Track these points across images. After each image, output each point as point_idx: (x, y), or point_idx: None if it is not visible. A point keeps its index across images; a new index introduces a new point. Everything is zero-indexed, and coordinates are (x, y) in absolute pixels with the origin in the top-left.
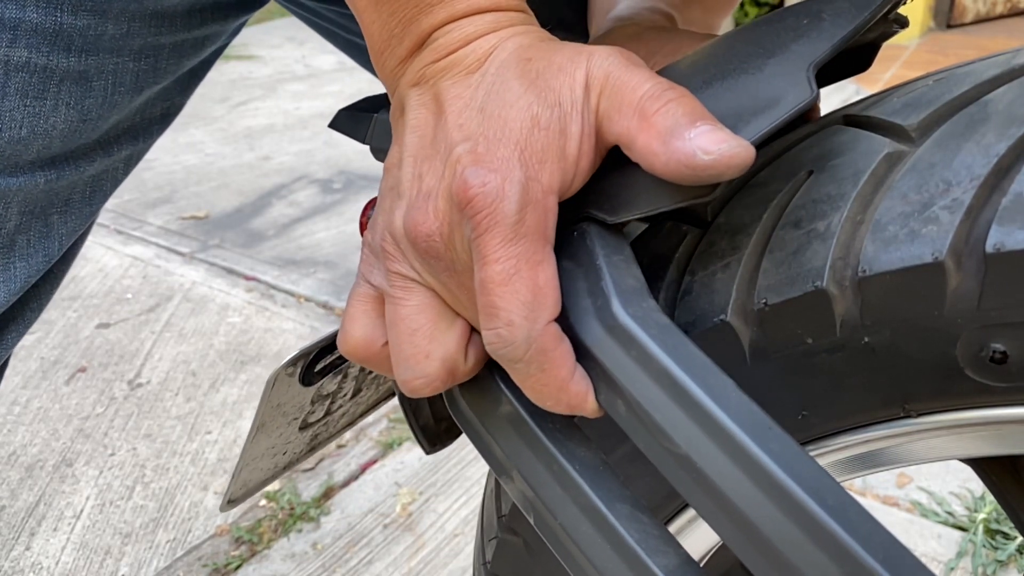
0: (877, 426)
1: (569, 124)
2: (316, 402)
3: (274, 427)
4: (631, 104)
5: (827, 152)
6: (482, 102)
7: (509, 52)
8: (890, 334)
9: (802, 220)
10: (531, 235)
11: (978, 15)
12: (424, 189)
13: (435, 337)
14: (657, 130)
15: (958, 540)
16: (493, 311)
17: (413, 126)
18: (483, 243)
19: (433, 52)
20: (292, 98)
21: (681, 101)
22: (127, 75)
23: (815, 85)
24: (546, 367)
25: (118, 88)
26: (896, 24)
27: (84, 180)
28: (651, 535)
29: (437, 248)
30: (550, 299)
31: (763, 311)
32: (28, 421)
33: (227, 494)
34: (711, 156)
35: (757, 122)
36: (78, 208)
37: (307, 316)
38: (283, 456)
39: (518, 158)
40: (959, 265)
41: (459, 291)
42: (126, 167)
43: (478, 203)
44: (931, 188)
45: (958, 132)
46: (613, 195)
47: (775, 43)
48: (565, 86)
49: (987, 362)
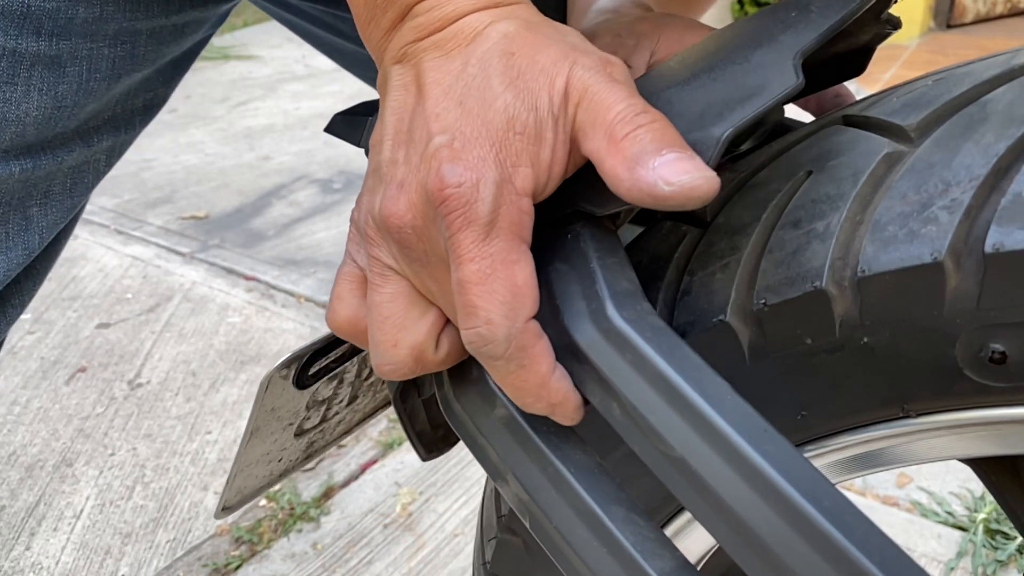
0: (876, 426)
1: (544, 131)
2: (311, 408)
3: (269, 432)
4: (603, 124)
5: (826, 152)
6: (461, 95)
7: (493, 42)
8: (889, 334)
9: (801, 220)
10: (505, 235)
11: (978, 15)
12: (399, 177)
13: (405, 326)
14: (624, 155)
15: (958, 540)
16: (472, 310)
17: (393, 107)
18: (457, 242)
19: (414, 30)
20: (292, 98)
21: (651, 127)
22: (102, 61)
23: (801, 73)
24: (526, 363)
25: (93, 74)
26: (889, 25)
27: (64, 171)
28: (647, 538)
29: (410, 239)
30: (528, 298)
31: (762, 311)
32: (28, 421)
33: (222, 501)
34: (672, 188)
35: (743, 109)
36: (59, 200)
37: (307, 316)
38: (278, 463)
39: (494, 158)
40: (958, 265)
41: (431, 282)
42: (108, 159)
43: (452, 202)
44: (930, 188)
45: (957, 132)
46: (601, 187)
47: (763, 35)
48: (544, 91)
49: (986, 362)
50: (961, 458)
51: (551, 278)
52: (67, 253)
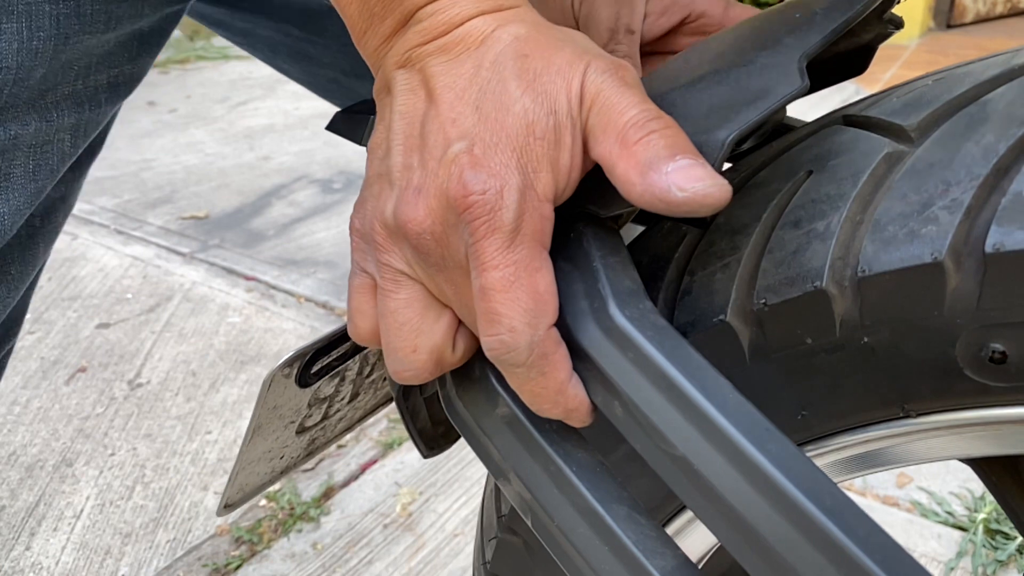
0: (876, 426)
1: (563, 135)
2: (313, 405)
3: (271, 430)
4: (616, 128)
5: (826, 152)
6: (477, 99)
7: (505, 44)
8: (889, 334)
9: (801, 220)
10: (529, 242)
11: (978, 15)
12: (415, 183)
13: (422, 331)
14: (636, 160)
15: (958, 540)
16: (495, 317)
17: (402, 112)
18: (481, 249)
19: (419, 35)
20: (292, 98)
21: (664, 133)
22: (44, 18)
23: (806, 76)
24: (547, 371)
25: (36, 32)
26: (891, 25)
27: (23, 149)
28: (648, 536)
29: (428, 245)
30: (550, 305)
31: (762, 311)
32: (28, 421)
33: (224, 498)
34: (685, 194)
35: (748, 112)
36: (21, 184)
37: (307, 316)
38: (280, 460)
39: (516, 164)
40: (958, 265)
41: (447, 286)
42: (73, 139)
43: (477, 210)
44: (930, 188)
45: (958, 132)
46: (606, 189)
47: (767, 37)
48: (562, 92)
49: (986, 362)
50: (961, 458)
51: (555, 280)
52: (67, 253)
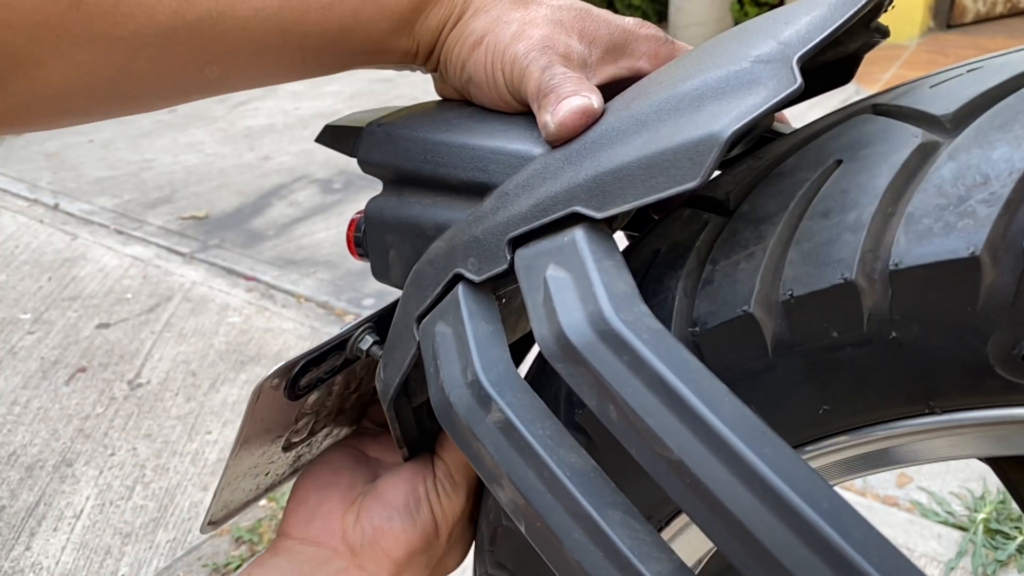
0: (899, 422)
1: None
2: (300, 420)
3: (257, 444)
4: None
5: (856, 141)
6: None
7: None
8: (919, 329)
9: (831, 210)
10: None
11: (978, 15)
12: None
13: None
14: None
15: (958, 540)
16: None
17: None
18: None
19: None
20: (292, 98)
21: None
22: None
23: (800, 76)
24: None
25: None
26: (878, 33)
27: None
28: (643, 541)
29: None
30: None
31: (788, 303)
32: (28, 421)
33: (208, 515)
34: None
35: (744, 110)
36: None
37: (307, 316)
38: (265, 477)
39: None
40: (995, 260)
41: None
42: None
43: None
44: (968, 181)
45: (996, 124)
46: (600, 190)
47: (763, 38)
48: None
49: (1019, 360)
50: (981, 456)
51: (548, 281)
52: (67, 253)
